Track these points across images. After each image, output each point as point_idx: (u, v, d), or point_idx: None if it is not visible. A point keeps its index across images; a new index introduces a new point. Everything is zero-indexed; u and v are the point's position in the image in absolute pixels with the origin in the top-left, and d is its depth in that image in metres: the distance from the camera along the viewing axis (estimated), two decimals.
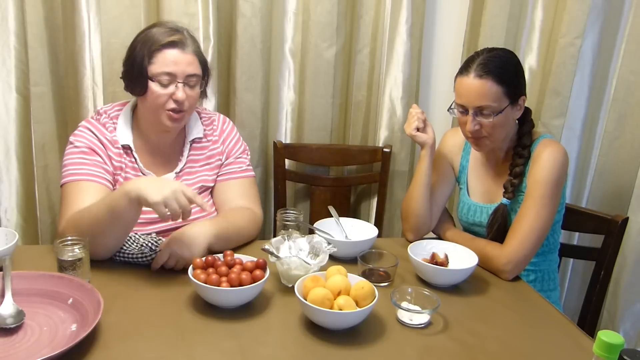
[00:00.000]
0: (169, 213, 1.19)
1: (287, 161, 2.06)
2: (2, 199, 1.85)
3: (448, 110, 1.49)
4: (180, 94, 1.38)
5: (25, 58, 1.77)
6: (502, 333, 1.17)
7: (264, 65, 1.94)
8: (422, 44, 2.05)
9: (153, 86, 1.39)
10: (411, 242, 1.45)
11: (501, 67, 1.41)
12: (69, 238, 1.21)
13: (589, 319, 1.65)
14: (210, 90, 1.90)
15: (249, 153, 1.63)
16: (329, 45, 1.95)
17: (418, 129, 1.54)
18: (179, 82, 1.39)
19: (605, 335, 0.78)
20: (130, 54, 1.43)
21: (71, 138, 1.44)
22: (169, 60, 1.38)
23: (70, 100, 1.85)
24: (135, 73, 1.40)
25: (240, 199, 1.55)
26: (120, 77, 1.46)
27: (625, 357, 0.76)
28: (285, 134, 2.07)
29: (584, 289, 1.68)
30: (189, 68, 1.40)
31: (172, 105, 1.40)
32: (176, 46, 1.39)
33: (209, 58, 1.87)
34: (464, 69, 1.44)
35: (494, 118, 1.40)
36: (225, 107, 2.00)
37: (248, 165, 1.61)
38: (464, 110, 1.43)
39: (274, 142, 2.03)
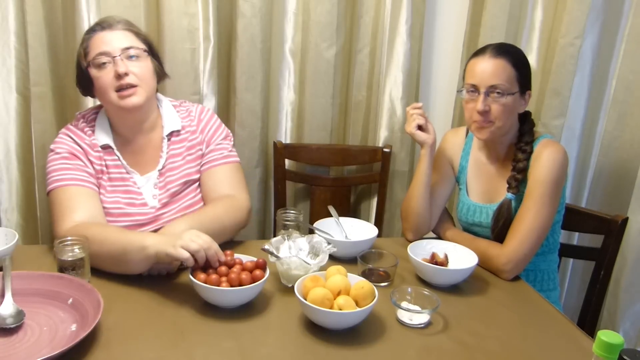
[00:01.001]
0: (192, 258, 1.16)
1: (287, 161, 2.05)
2: (2, 199, 1.85)
3: (457, 91, 1.49)
4: (120, 67, 1.36)
5: (25, 58, 1.77)
6: (502, 333, 1.17)
7: (264, 65, 1.94)
8: (422, 43, 2.05)
9: (93, 72, 1.38)
10: (411, 242, 1.45)
11: (515, 53, 1.45)
12: (69, 238, 1.21)
13: (589, 319, 1.65)
14: (210, 90, 1.92)
15: (232, 138, 1.59)
16: (329, 45, 1.95)
17: (420, 127, 1.54)
18: (115, 57, 1.37)
19: (605, 335, 0.78)
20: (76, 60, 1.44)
21: (52, 146, 1.44)
22: (98, 42, 1.38)
23: (70, 100, 1.85)
24: (80, 73, 1.41)
25: (224, 186, 1.51)
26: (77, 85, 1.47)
27: (625, 357, 0.76)
28: (285, 134, 2.07)
29: (584, 289, 1.68)
30: (122, 42, 1.38)
31: (116, 83, 1.37)
32: (103, 28, 1.40)
33: (208, 58, 1.87)
34: (478, 52, 1.46)
35: (505, 98, 1.41)
36: (225, 107, 2.00)
37: (230, 151, 1.56)
38: (475, 90, 1.43)
39: (274, 142, 2.03)
